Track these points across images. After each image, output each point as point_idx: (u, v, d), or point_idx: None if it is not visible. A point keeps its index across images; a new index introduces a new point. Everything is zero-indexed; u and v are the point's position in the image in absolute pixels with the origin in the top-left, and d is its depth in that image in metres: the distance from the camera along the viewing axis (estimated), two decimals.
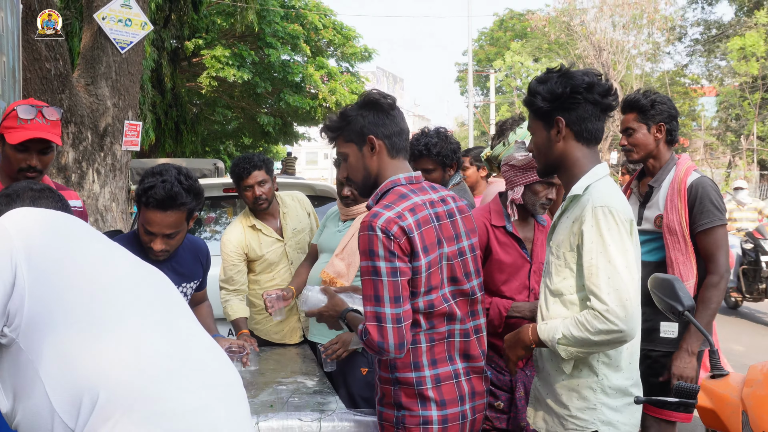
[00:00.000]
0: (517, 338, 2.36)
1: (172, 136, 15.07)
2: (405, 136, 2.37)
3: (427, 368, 2.27)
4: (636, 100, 3.24)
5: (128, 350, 1.65)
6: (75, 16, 9.30)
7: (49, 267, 1.70)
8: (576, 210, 2.21)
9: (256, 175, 3.81)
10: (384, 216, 2.18)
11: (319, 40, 17.50)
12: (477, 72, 38.49)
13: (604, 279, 2.07)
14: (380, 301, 2.16)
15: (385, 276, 2.16)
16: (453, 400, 2.28)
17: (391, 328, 2.15)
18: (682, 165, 3.21)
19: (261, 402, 2.83)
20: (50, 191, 2.11)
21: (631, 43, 26.36)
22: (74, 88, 5.80)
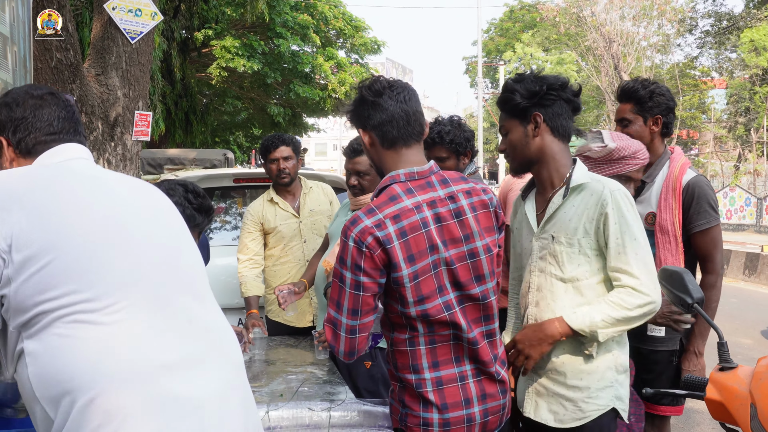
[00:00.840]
0: (541, 335, 2.34)
1: (182, 126, 15.11)
2: (398, 123, 2.19)
3: (426, 371, 2.19)
4: (635, 90, 3.14)
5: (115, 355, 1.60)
6: (85, 6, 9.31)
7: (32, 257, 1.59)
8: (585, 197, 2.32)
9: (283, 150, 4.12)
10: (361, 225, 2.10)
11: (329, 30, 17.47)
12: (486, 64, 38.35)
13: (633, 255, 2.24)
14: (339, 309, 2.15)
15: (348, 287, 2.12)
16: (456, 404, 2.18)
17: (344, 337, 2.16)
18: (676, 161, 3.12)
19: (271, 391, 2.85)
20: (51, 95, 1.94)
21: (642, 34, 26.20)
22: (85, 78, 5.81)
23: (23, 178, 1.72)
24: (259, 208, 4.23)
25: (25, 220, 1.61)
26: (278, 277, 4.22)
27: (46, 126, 1.87)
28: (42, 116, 1.88)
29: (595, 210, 2.29)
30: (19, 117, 1.86)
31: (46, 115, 1.88)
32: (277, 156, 4.13)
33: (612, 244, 2.27)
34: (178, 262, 1.81)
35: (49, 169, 1.79)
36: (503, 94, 2.44)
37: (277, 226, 4.20)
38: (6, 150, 1.88)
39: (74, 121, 1.94)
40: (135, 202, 1.82)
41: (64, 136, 1.89)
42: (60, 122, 1.89)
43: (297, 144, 4.20)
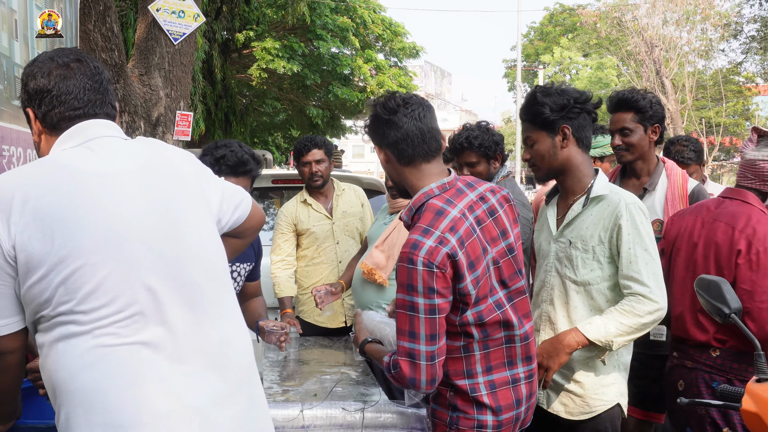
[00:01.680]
0: (559, 346, 2.45)
1: (222, 126, 15.26)
2: (413, 141, 2.17)
3: (480, 375, 2.19)
4: (636, 100, 3.13)
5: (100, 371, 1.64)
6: (130, 7, 9.48)
7: (38, 260, 1.63)
8: (603, 207, 2.48)
9: (315, 153, 4.15)
10: (425, 246, 2.04)
11: (368, 34, 17.52)
12: (525, 68, 38.11)
13: (643, 265, 2.39)
14: (415, 338, 2.08)
15: (422, 313, 2.06)
16: (509, 406, 2.21)
17: (425, 366, 2.08)
18: (675, 169, 3.14)
19: (305, 391, 2.88)
20: (78, 62, 1.83)
21: (684, 39, 25.80)
22: (129, 78, 5.92)
23: (33, 180, 1.69)
24: (293, 209, 4.27)
25: (26, 227, 1.63)
26: (311, 278, 4.26)
27: (71, 99, 1.79)
28: (67, 88, 1.79)
29: (611, 220, 2.44)
30: (45, 89, 1.78)
31: (72, 87, 1.80)
32: (309, 159, 4.17)
33: (624, 253, 2.41)
34: (184, 274, 1.75)
35: (60, 169, 1.72)
36: (532, 107, 2.52)
37: (310, 228, 4.23)
38: (34, 123, 1.84)
39: (102, 91, 1.84)
40: (142, 205, 1.75)
41: (90, 109, 1.82)
42: (86, 93, 1.81)
43: (329, 146, 4.24)
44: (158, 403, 1.65)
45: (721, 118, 27.46)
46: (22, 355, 1.78)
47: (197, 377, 1.72)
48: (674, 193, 3.05)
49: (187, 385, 1.70)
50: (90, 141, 1.79)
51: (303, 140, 4.24)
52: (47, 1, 4.07)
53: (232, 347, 1.81)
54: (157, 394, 1.65)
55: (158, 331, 1.69)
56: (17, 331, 1.72)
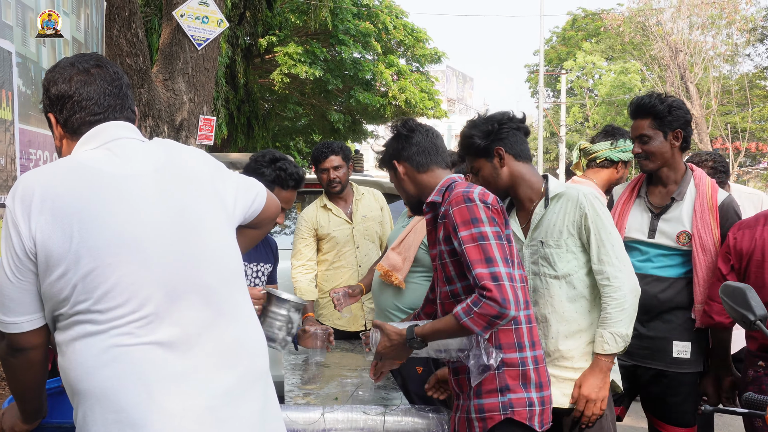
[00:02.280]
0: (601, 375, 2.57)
1: (244, 131, 15.35)
2: (429, 152, 2.51)
3: (528, 348, 2.34)
4: (652, 105, 2.99)
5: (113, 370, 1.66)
6: (155, 13, 9.59)
7: (57, 259, 1.66)
8: (564, 203, 2.65)
9: (332, 160, 4.20)
10: (477, 189, 2.32)
11: (390, 40, 17.55)
12: (548, 73, 37.96)
13: (610, 247, 2.58)
14: (493, 262, 2.20)
15: (492, 239, 2.23)
16: (546, 383, 2.37)
17: (509, 286, 2.17)
18: (704, 179, 3.03)
19: (326, 394, 2.88)
20: (98, 67, 1.86)
21: (710, 44, 25.54)
22: (153, 83, 5.98)
23: (54, 180, 1.72)
24: (313, 214, 4.29)
25: (46, 225, 1.66)
26: (331, 282, 4.28)
27: (92, 105, 1.82)
28: (88, 94, 1.82)
29: (575, 213, 2.62)
30: (66, 95, 1.81)
31: (92, 93, 1.82)
32: (326, 166, 4.21)
33: (593, 239, 2.59)
34: (199, 275, 1.77)
35: (82, 170, 1.75)
36: (464, 141, 2.74)
37: (331, 232, 4.25)
38: (55, 127, 1.87)
39: (121, 96, 1.87)
40: (159, 206, 1.76)
41: (110, 114, 1.84)
42: (106, 99, 1.84)
43: (347, 152, 4.27)
44: (171, 402, 1.67)
45: (746, 124, 27.14)
46: (45, 352, 1.81)
47: (211, 377, 1.73)
48: (703, 205, 2.94)
49: (200, 384, 1.71)
50: (109, 143, 1.81)
51: (320, 147, 4.27)
52: (73, 7, 4.13)
53: (245, 348, 1.83)
54: (170, 394, 1.67)
55: (173, 331, 1.71)
56: (40, 327, 1.75)
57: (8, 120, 3.07)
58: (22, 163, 3.23)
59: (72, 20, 4.12)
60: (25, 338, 1.74)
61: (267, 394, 1.87)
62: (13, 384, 1.86)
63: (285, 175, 3.05)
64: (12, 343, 1.75)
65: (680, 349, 2.93)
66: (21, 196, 1.69)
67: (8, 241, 1.69)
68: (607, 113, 32.44)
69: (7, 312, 1.72)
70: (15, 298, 1.71)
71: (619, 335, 2.54)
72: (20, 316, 1.72)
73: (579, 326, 2.63)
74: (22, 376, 1.83)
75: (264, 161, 3.06)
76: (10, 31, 3.16)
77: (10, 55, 3.11)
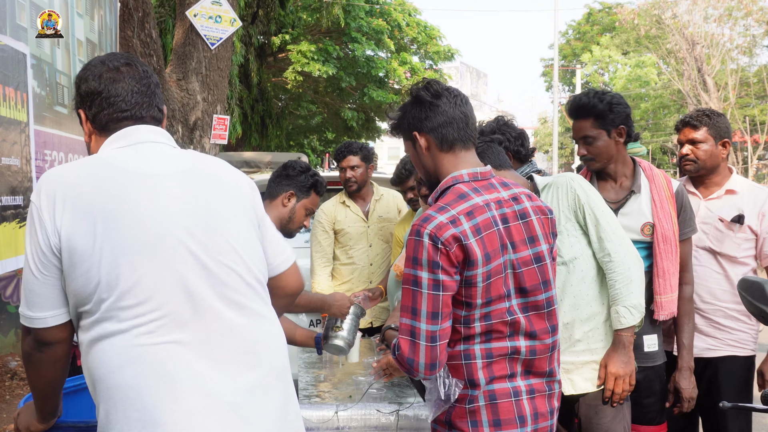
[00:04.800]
0: (624, 350, 2.59)
1: (258, 130, 15.41)
2: (457, 125, 2.12)
3: (483, 385, 2.05)
4: (593, 105, 2.90)
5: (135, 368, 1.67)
6: (169, 13, 9.63)
7: (81, 254, 1.68)
8: (554, 191, 2.69)
9: (350, 160, 4.33)
10: (435, 221, 1.99)
11: (403, 37, 17.54)
12: (563, 67, 37.77)
13: (605, 224, 2.62)
14: (417, 315, 1.99)
15: (425, 288, 1.98)
16: (511, 421, 2.06)
17: (424, 346, 1.99)
18: (654, 169, 3.00)
19: (340, 392, 2.89)
20: (128, 66, 1.91)
21: (727, 36, 25.30)
22: (167, 83, 6.01)
23: (80, 177, 1.75)
24: (332, 208, 4.43)
25: (71, 222, 1.68)
26: (341, 277, 4.39)
27: (119, 102, 1.86)
28: (116, 91, 1.86)
29: (569, 197, 2.66)
30: (95, 91, 1.86)
31: (120, 90, 1.86)
32: (344, 165, 4.35)
33: (588, 218, 2.64)
34: (221, 274, 1.78)
35: (108, 168, 1.78)
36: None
37: (345, 228, 4.37)
38: (84, 123, 1.91)
39: (149, 94, 1.91)
40: (183, 205, 1.78)
41: (137, 111, 1.88)
42: (134, 96, 1.87)
43: (367, 152, 4.36)
44: (193, 400, 1.68)
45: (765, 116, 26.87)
46: (70, 347, 1.83)
47: (233, 375, 1.74)
48: (661, 194, 2.93)
49: (222, 383, 1.72)
50: (138, 144, 1.85)
51: (341, 146, 4.40)
52: (87, 8, 4.15)
53: (266, 346, 1.84)
54: (191, 392, 1.68)
55: (194, 329, 1.72)
56: (65, 322, 1.77)
57: (23, 121, 3.09)
58: (37, 164, 3.26)
59: (86, 21, 4.14)
60: (51, 333, 1.76)
61: (288, 392, 1.88)
62: (35, 381, 1.88)
63: (321, 180, 3.22)
64: (38, 338, 1.77)
65: (650, 343, 2.90)
66: (46, 192, 1.71)
67: (33, 237, 1.71)
68: None
69: (33, 307, 1.74)
70: (40, 294, 1.73)
71: (634, 306, 2.55)
72: (45, 311, 1.74)
73: (593, 309, 2.62)
74: (46, 371, 1.84)
75: (299, 169, 3.20)
76: (25, 33, 3.18)
77: (25, 56, 3.14)
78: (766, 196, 3.16)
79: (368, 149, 4.39)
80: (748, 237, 3.14)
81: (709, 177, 3.24)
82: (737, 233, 3.13)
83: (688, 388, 2.93)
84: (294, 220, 3.14)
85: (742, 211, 3.15)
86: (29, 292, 1.74)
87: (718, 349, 3.14)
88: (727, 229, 3.14)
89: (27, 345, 1.81)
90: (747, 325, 3.15)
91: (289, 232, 3.16)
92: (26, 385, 5.69)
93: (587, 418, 2.66)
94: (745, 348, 3.15)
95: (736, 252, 3.14)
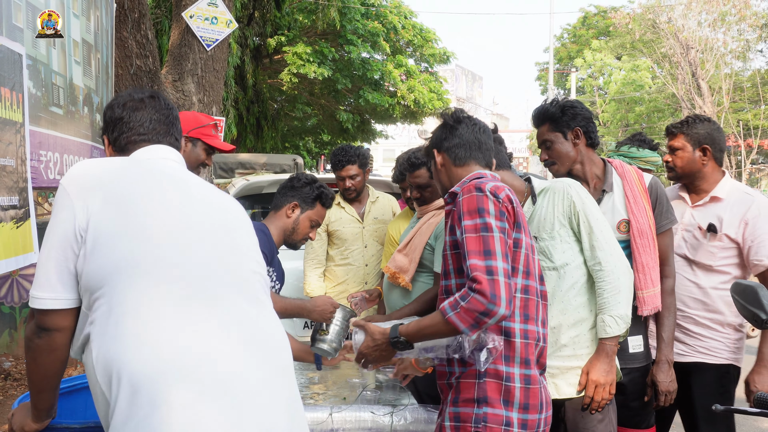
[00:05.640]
0: (608, 360, 2.59)
1: (253, 131, 15.40)
2: (470, 147, 2.42)
3: (518, 365, 2.19)
4: (545, 110, 2.98)
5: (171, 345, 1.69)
6: (165, 14, 9.62)
7: (105, 240, 1.74)
8: (551, 196, 2.70)
9: (349, 169, 4.31)
10: (490, 183, 2.22)
11: (399, 40, 17.56)
12: (558, 71, 37.85)
13: (599, 233, 2.62)
14: (491, 255, 2.09)
15: (495, 231, 2.13)
16: (535, 406, 2.20)
17: (503, 282, 2.06)
18: (626, 167, 3.01)
19: (334, 394, 2.89)
20: (151, 98, 2.11)
21: (721, 40, 25.38)
22: (162, 84, 6.00)
23: (110, 167, 1.89)
24: None
25: (103, 205, 1.76)
26: (336, 278, 4.38)
27: (138, 126, 2.05)
28: (136, 118, 2.05)
29: (564, 202, 2.66)
30: (118, 117, 2.06)
31: (140, 117, 2.05)
32: (343, 174, 4.34)
33: (582, 226, 2.64)
34: (237, 267, 1.90)
35: (135, 163, 1.95)
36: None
37: (340, 229, 4.37)
38: (107, 147, 2.09)
39: (168, 123, 2.09)
40: (208, 209, 1.94)
41: (154, 136, 2.06)
42: (152, 124, 2.06)
43: (364, 159, 4.35)
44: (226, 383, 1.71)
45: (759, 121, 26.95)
46: (70, 338, 1.83)
47: (250, 363, 1.78)
48: (634, 190, 2.94)
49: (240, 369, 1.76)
50: (156, 160, 2.01)
51: (338, 153, 4.33)
52: (83, 9, 4.15)
53: (275, 339, 1.91)
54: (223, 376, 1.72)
55: (209, 315, 1.76)
56: (70, 308, 1.78)
57: (19, 122, 3.09)
58: (32, 165, 3.25)
59: (82, 22, 4.14)
60: (54, 319, 1.78)
61: (293, 387, 1.92)
62: (32, 370, 1.88)
63: (327, 193, 3.22)
64: (39, 322, 1.79)
65: (635, 343, 2.91)
66: (77, 177, 1.82)
67: (57, 219, 1.77)
68: (617, 111, 32.30)
69: (37, 286, 1.77)
70: (52, 276, 1.76)
71: (620, 317, 2.57)
72: (54, 293, 1.76)
73: (580, 315, 2.63)
74: (43, 359, 1.84)
75: (304, 181, 3.21)
76: (21, 34, 3.18)
77: (21, 57, 3.13)
78: (750, 203, 3.10)
79: (365, 154, 4.38)
80: (726, 246, 3.10)
81: (695, 183, 3.23)
82: (710, 242, 3.11)
83: (665, 381, 2.91)
84: (298, 231, 3.15)
85: (722, 219, 3.11)
86: (41, 275, 1.78)
87: (688, 355, 3.13)
88: (703, 238, 3.13)
89: (28, 329, 1.84)
90: (720, 333, 3.11)
91: (293, 243, 3.18)
92: (21, 386, 5.68)
93: (573, 422, 2.67)
94: (717, 356, 3.11)
95: (710, 261, 3.11)
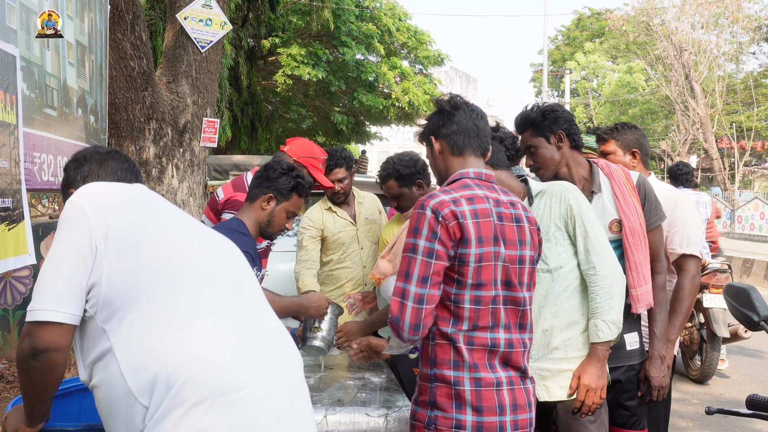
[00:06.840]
0: (599, 364, 2.61)
1: (248, 133, 15.39)
2: (468, 134, 2.39)
3: (467, 370, 2.20)
4: (526, 116, 3.00)
5: (203, 341, 1.75)
6: (159, 16, 9.61)
7: (126, 248, 1.79)
8: (548, 198, 2.72)
9: (337, 173, 4.33)
10: (438, 198, 2.22)
11: (393, 42, 17.56)
12: (552, 72, 37.93)
13: (594, 237, 2.64)
14: (408, 278, 2.18)
15: (420, 255, 2.18)
16: (491, 408, 2.19)
17: (411, 307, 2.17)
18: (611, 166, 3.02)
19: (329, 396, 2.89)
20: (116, 153, 2.23)
21: (714, 43, 25.48)
22: (156, 86, 5.99)
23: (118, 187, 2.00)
24: (318, 215, 4.41)
25: (121, 217, 1.84)
26: (337, 281, 4.39)
27: (110, 174, 2.17)
28: (106, 167, 2.17)
29: (560, 205, 2.68)
30: (86, 170, 2.17)
31: (110, 166, 2.18)
32: (332, 178, 4.33)
33: (578, 230, 2.66)
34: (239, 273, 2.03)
35: (138, 188, 2.04)
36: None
37: (337, 233, 4.37)
38: None
39: (134, 172, 2.22)
40: (198, 224, 2.08)
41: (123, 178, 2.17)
42: (122, 172, 2.19)
43: (349, 162, 4.37)
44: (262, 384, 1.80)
45: (752, 123, 27.06)
46: (66, 356, 1.81)
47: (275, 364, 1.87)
48: (622, 189, 2.94)
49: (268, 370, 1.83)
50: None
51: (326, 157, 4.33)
52: (77, 10, 4.14)
53: (284, 332, 2.00)
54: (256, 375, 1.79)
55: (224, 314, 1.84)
56: (69, 325, 1.76)
57: (12, 124, 3.08)
58: (26, 167, 3.24)
59: (76, 24, 4.13)
60: (53, 334, 1.74)
61: (304, 380, 1.99)
62: (29, 390, 1.86)
63: (304, 183, 3.10)
64: (36, 343, 1.75)
65: (632, 341, 2.92)
66: (91, 193, 1.89)
67: (70, 233, 1.79)
68: (611, 113, 32.39)
69: (45, 300, 1.75)
70: (60, 288, 1.75)
71: (612, 322, 2.58)
72: (60, 305, 1.74)
73: (572, 318, 2.64)
74: (39, 380, 1.82)
75: (280, 170, 3.08)
76: (14, 35, 3.17)
77: (15, 59, 3.12)
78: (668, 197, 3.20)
79: (350, 157, 4.39)
80: None
81: None
82: None
83: (657, 376, 2.91)
84: (273, 223, 3.04)
85: None
86: (43, 285, 1.77)
87: None
88: None
89: (22, 351, 1.79)
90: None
91: (268, 235, 3.07)
92: (14, 388, 5.65)
93: (565, 424, 2.68)
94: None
95: None
